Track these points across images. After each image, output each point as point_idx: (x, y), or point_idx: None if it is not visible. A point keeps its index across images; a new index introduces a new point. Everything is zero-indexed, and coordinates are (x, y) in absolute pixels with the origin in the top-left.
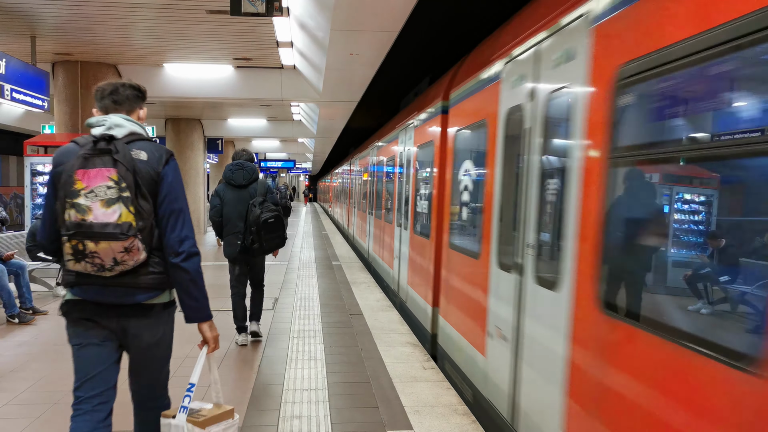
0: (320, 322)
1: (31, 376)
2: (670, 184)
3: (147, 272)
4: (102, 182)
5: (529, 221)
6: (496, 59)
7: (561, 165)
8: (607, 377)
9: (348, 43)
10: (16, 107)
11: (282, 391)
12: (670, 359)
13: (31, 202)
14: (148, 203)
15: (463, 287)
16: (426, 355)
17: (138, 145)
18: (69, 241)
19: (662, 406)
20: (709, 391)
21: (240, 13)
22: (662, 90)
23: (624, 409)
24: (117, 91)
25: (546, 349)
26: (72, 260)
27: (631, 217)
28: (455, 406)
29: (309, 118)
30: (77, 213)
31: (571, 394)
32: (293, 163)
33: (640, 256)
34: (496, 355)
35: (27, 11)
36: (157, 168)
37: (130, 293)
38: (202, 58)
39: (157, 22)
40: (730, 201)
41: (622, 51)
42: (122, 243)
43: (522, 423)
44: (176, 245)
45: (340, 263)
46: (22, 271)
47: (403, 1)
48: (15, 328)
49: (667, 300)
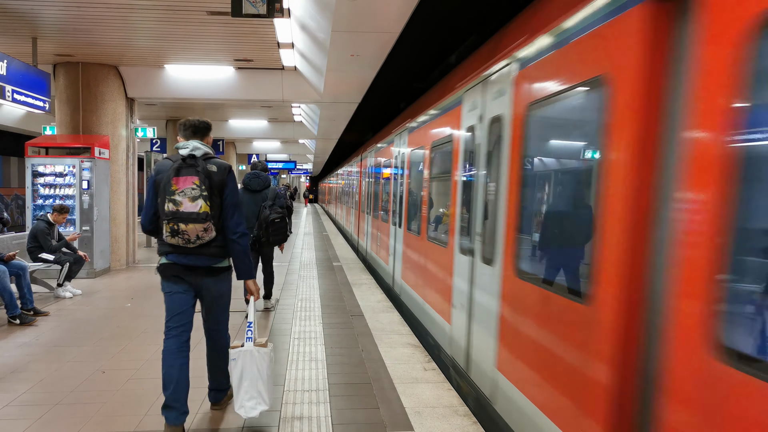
0: (321, 323)
1: (32, 377)
2: (545, 188)
3: (215, 245)
4: (189, 185)
5: (477, 216)
6: (459, 87)
7: (496, 173)
8: (520, 323)
9: (349, 44)
10: (18, 108)
11: (283, 392)
12: (548, 301)
13: (32, 204)
14: (218, 199)
15: (436, 271)
16: (427, 356)
17: (211, 161)
18: (168, 223)
19: (544, 331)
20: (563, 314)
21: (241, 14)
22: (547, 123)
23: (529, 341)
24: (195, 125)
25: (486, 310)
26: (169, 236)
27: (534, 212)
28: (456, 407)
29: (310, 119)
30: (173, 205)
31: (501, 339)
32: (294, 164)
33: (537, 238)
34: (457, 321)
35: (28, 13)
36: (223, 177)
37: (204, 259)
38: (203, 59)
39: (158, 23)
40: (567, 197)
41: (530, 94)
42: (202, 225)
43: (473, 369)
44: (235, 227)
45: (341, 264)
46: (23, 272)
47: (403, 3)
48: (16, 329)
49: (546, 264)
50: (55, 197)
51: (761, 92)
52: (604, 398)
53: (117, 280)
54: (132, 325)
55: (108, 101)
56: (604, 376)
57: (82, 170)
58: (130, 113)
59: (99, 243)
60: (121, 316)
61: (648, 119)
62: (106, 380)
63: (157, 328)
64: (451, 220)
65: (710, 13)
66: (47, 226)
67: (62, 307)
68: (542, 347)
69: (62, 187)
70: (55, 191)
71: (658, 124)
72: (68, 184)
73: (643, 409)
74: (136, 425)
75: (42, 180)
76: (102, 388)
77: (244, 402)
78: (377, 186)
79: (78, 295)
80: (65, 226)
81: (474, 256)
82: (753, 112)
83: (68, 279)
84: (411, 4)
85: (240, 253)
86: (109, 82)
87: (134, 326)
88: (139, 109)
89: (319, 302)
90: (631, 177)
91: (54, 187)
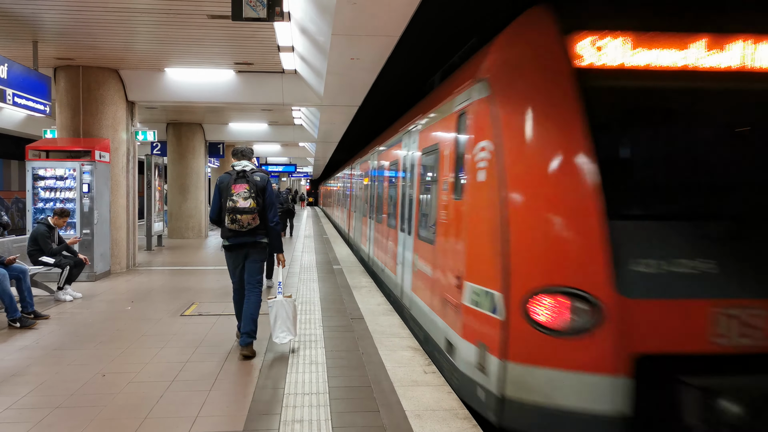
0: (321, 327)
1: (33, 380)
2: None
3: (259, 228)
4: (242, 190)
5: (405, 208)
6: (400, 131)
7: (412, 185)
8: (417, 262)
9: (349, 47)
10: (18, 112)
11: (283, 395)
12: (425, 246)
13: (33, 207)
14: (260, 199)
15: (390, 245)
16: (427, 360)
17: (255, 173)
18: (228, 215)
19: (422, 261)
20: (428, 251)
21: (241, 17)
22: (427, 160)
23: (419, 272)
24: (243, 152)
25: (408, 260)
26: (230, 223)
27: (423, 205)
28: (456, 410)
29: (310, 122)
30: (233, 203)
31: (413, 273)
32: (294, 168)
33: (420, 218)
34: (399, 273)
35: (29, 16)
36: (264, 184)
37: (252, 237)
38: (204, 62)
39: (158, 26)
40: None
41: (423, 143)
42: (251, 216)
43: (404, 297)
44: (272, 218)
45: (341, 267)
46: (23, 275)
47: (404, 6)
48: (16, 333)
49: (423, 230)
50: (55, 200)
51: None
52: (449, 290)
53: (117, 283)
54: (132, 329)
55: (108, 104)
56: (444, 279)
57: (82, 173)
58: (130, 116)
59: (99, 246)
60: (122, 320)
61: (446, 168)
62: (106, 383)
63: (158, 331)
64: (397, 209)
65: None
66: (47, 229)
67: (62, 311)
68: (423, 272)
69: (63, 190)
70: (56, 194)
71: (452, 170)
72: (69, 187)
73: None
74: (136, 428)
75: (42, 183)
76: (102, 391)
77: (278, 334)
78: (358, 191)
79: (78, 298)
80: (66, 229)
81: (404, 231)
82: (461, 165)
83: (69, 282)
84: (411, 7)
85: (274, 235)
86: (109, 85)
87: (135, 329)
88: (140, 113)
89: (320, 305)
90: (446, 189)
91: (54, 191)
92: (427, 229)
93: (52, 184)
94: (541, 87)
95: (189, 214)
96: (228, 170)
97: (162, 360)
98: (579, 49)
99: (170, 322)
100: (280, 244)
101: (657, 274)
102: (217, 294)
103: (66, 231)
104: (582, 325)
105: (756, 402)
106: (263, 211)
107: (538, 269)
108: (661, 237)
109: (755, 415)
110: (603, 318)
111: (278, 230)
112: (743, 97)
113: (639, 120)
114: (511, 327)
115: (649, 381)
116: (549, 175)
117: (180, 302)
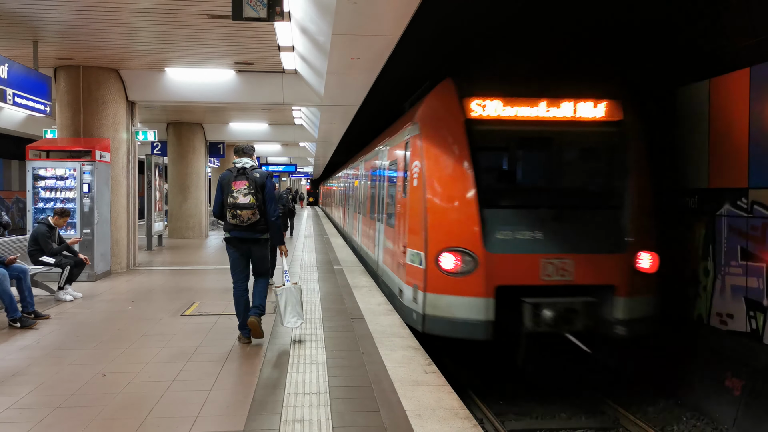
0: (322, 326)
1: (33, 380)
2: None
3: (259, 224)
4: (242, 186)
5: (376, 202)
6: (375, 148)
7: (382, 186)
8: (383, 241)
9: (349, 47)
10: (19, 112)
11: (283, 395)
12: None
13: (33, 207)
14: (260, 195)
15: (370, 232)
16: (428, 359)
17: (256, 171)
18: (230, 211)
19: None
20: (391, 233)
21: (241, 17)
22: (391, 171)
23: (387, 248)
24: (244, 149)
25: (380, 241)
26: (230, 218)
27: (389, 201)
28: (456, 410)
29: (310, 122)
30: (233, 199)
31: (383, 250)
32: (294, 167)
33: (381, 208)
34: (375, 252)
35: (30, 16)
36: (263, 180)
37: (252, 233)
38: (204, 62)
39: (158, 26)
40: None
41: (390, 157)
42: (251, 211)
43: (380, 269)
44: (272, 213)
45: (341, 267)
46: (24, 275)
47: (404, 5)
48: (17, 332)
49: (386, 217)
50: (55, 200)
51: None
52: (399, 256)
53: (118, 283)
54: (133, 328)
55: (109, 104)
56: (398, 250)
57: (83, 173)
58: (130, 116)
59: (100, 246)
60: (122, 319)
61: (399, 176)
62: (106, 383)
63: (158, 330)
64: (376, 205)
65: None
66: (48, 229)
67: (63, 311)
68: (388, 248)
69: (63, 190)
70: (56, 194)
71: (402, 178)
72: (69, 187)
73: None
74: (136, 428)
75: (43, 183)
76: (103, 391)
77: (289, 319)
78: (349, 191)
79: (79, 298)
80: (66, 229)
81: (376, 220)
82: (389, 176)
83: (69, 282)
84: (412, 7)
85: (275, 229)
86: (109, 85)
87: (135, 329)
88: (140, 113)
89: (320, 305)
90: (399, 191)
91: (55, 191)
92: (389, 218)
93: (53, 184)
94: (446, 129)
95: (189, 214)
96: (230, 167)
97: (162, 360)
98: (468, 107)
99: (171, 321)
100: (281, 237)
101: (509, 240)
102: (218, 294)
103: (66, 231)
104: (467, 269)
105: (561, 312)
106: (263, 206)
107: (443, 238)
108: (511, 219)
109: (560, 319)
110: (478, 265)
111: (278, 224)
112: (567, 136)
113: (501, 149)
114: (429, 273)
115: (503, 301)
116: (448, 181)
117: (180, 302)
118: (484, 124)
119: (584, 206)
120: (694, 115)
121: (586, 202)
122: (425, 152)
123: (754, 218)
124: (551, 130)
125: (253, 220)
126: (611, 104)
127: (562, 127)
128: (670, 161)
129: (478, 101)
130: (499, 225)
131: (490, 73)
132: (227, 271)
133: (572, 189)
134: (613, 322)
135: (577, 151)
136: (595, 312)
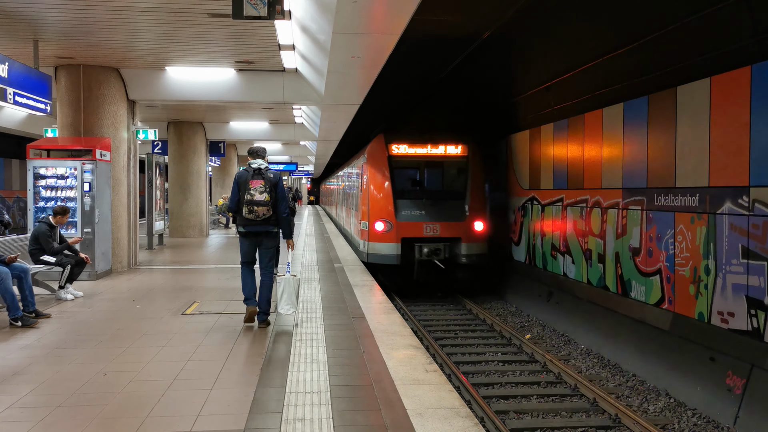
0: (322, 325)
1: (34, 379)
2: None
3: (271, 219)
4: (258, 185)
5: (354, 202)
6: (350, 165)
7: (348, 188)
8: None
9: (350, 46)
10: (19, 111)
11: (284, 393)
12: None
13: (34, 206)
14: (274, 193)
15: (348, 217)
16: (428, 358)
17: (270, 171)
18: (246, 207)
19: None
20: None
21: (242, 16)
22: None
23: (355, 225)
24: (257, 152)
25: (352, 221)
26: (247, 213)
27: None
28: (458, 408)
29: (311, 120)
30: (250, 196)
31: (353, 226)
32: (295, 166)
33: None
34: (351, 227)
35: (30, 15)
36: (276, 180)
37: (265, 227)
38: (204, 61)
39: (159, 25)
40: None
41: (363, 170)
42: (266, 207)
43: (351, 235)
44: (283, 210)
45: (342, 266)
46: (25, 274)
47: (404, 5)
48: (18, 331)
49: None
50: (56, 199)
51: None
52: (358, 226)
53: (118, 282)
54: (133, 328)
55: (109, 103)
56: (358, 224)
57: (83, 172)
58: (131, 115)
59: (100, 245)
60: (123, 319)
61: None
62: (107, 382)
63: (159, 329)
64: (354, 199)
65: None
66: (49, 228)
67: (64, 310)
68: (354, 222)
69: (64, 189)
70: (57, 193)
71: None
72: (70, 186)
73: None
74: (137, 427)
75: (43, 182)
76: (103, 390)
77: (283, 306)
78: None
79: (80, 297)
80: (66, 227)
81: (353, 208)
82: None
83: (70, 281)
84: (412, 6)
85: (285, 224)
86: (110, 84)
87: (136, 328)
88: (141, 111)
89: (321, 304)
90: (361, 188)
91: (55, 190)
92: (357, 206)
93: (54, 183)
94: (379, 159)
95: (190, 213)
96: (245, 167)
97: (163, 359)
98: (390, 148)
99: (171, 320)
100: (291, 231)
101: (408, 214)
102: (218, 293)
103: (67, 230)
104: (388, 229)
105: (433, 250)
106: (275, 204)
107: (377, 213)
108: (409, 204)
109: (432, 253)
110: (393, 227)
111: (289, 220)
112: (439, 163)
113: (406, 168)
114: (370, 232)
115: (406, 245)
116: (380, 185)
117: (181, 301)
118: (398, 157)
119: (446, 198)
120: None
121: (446, 195)
122: (369, 170)
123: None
124: (431, 160)
125: (267, 216)
126: (463, 146)
127: (437, 159)
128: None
129: (395, 145)
130: (404, 207)
131: (401, 131)
132: (228, 269)
133: (440, 189)
134: (461, 255)
135: (443, 170)
136: (451, 250)
